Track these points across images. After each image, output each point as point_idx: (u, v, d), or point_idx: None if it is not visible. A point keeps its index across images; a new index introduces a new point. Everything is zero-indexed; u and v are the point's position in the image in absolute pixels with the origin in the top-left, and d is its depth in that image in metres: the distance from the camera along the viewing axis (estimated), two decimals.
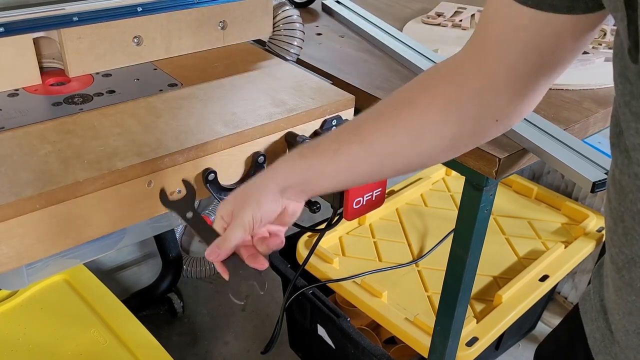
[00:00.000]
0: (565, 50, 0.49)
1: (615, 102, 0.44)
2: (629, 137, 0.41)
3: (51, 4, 0.77)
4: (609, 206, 0.47)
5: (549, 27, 0.46)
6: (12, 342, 1.04)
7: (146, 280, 1.70)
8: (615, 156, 0.45)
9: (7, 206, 0.55)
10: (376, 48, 1.06)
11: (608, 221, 0.47)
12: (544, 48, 0.48)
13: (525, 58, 0.49)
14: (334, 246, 1.36)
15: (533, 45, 0.48)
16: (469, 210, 0.79)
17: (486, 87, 0.51)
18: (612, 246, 0.47)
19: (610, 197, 0.46)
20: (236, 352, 1.56)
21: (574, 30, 0.47)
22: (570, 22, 0.46)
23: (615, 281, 0.48)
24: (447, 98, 0.53)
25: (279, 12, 0.97)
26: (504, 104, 0.52)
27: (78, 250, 0.66)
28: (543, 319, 1.65)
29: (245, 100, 0.78)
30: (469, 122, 0.53)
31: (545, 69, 0.50)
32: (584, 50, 0.62)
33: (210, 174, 0.69)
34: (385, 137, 0.54)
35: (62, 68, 0.83)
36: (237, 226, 0.55)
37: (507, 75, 0.50)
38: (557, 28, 0.46)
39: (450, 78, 0.53)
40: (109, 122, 0.71)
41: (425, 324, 1.11)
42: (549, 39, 0.47)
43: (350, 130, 0.56)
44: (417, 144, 0.54)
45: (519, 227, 1.45)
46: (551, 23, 0.46)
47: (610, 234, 0.47)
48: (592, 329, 0.56)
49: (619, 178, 0.44)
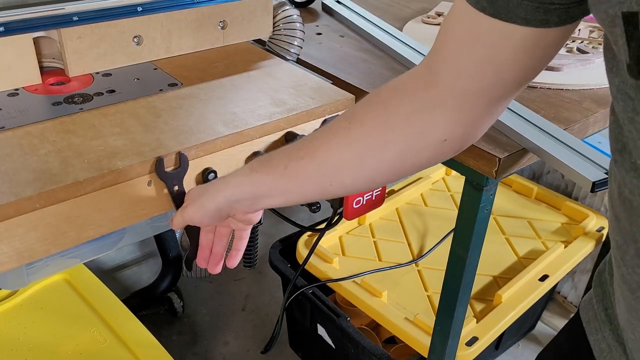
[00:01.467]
0: (526, 67, 0.46)
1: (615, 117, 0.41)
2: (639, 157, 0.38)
3: (51, 3, 0.77)
4: (617, 224, 0.44)
5: (510, 40, 0.43)
6: (12, 341, 1.04)
7: (146, 280, 1.70)
8: (621, 174, 0.41)
9: (7, 206, 0.55)
10: (376, 48, 1.06)
11: (617, 240, 0.45)
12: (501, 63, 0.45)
13: (480, 74, 0.46)
14: (334, 246, 1.36)
15: (490, 59, 0.45)
16: (469, 210, 0.79)
17: (433, 104, 0.49)
18: (622, 265, 0.44)
19: (618, 215, 0.43)
20: (236, 352, 1.56)
21: (538, 46, 0.44)
22: (536, 36, 0.43)
23: (629, 301, 0.45)
24: (394, 114, 0.51)
25: (279, 11, 0.97)
26: (453, 123, 0.50)
27: (78, 250, 0.66)
28: (543, 318, 1.65)
29: (245, 100, 0.78)
30: (414, 139, 0.51)
31: (501, 88, 0.47)
32: (583, 51, 0.61)
33: (210, 174, 0.69)
34: (332, 153, 0.53)
35: (62, 68, 0.83)
36: (179, 215, 0.61)
37: (458, 92, 0.48)
38: (519, 42, 0.43)
39: (400, 93, 0.51)
40: (109, 122, 0.71)
41: (425, 323, 1.11)
42: (509, 53, 0.44)
43: (302, 145, 0.55)
44: (362, 160, 0.52)
45: (519, 227, 1.45)
46: (514, 36, 0.43)
47: (620, 252, 0.44)
48: (596, 339, 0.55)
49: (629, 198, 0.41)
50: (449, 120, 0.50)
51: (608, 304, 0.54)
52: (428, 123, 0.50)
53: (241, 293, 1.74)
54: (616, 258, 0.46)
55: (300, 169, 0.54)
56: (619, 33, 0.35)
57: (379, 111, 0.52)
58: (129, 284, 1.73)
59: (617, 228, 0.44)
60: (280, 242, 1.43)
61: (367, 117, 0.52)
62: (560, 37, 0.44)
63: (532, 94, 0.88)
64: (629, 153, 0.40)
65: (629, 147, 0.39)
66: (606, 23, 0.36)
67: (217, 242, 0.66)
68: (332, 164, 0.53)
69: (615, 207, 0.44)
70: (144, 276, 1.75)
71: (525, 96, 0.87)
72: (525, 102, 0.85)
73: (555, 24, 0.42)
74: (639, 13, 0.32)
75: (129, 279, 1.74)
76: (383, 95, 0.53)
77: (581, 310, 0.60)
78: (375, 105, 0.53)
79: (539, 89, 0.90)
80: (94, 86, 0.80)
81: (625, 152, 0.40)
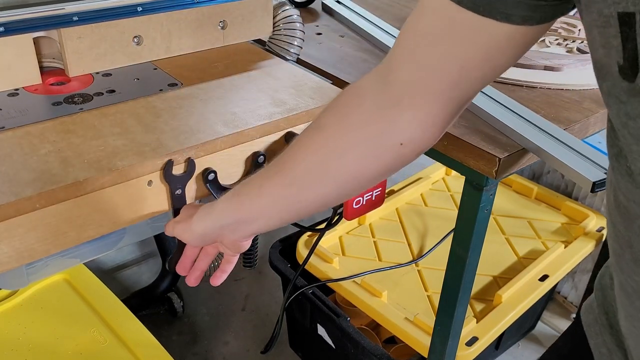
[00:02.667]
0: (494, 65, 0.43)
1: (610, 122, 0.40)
2: (634, 162, 0.37)
3: (51, 3, 0.77)
4: (613, 230, 0.43)
5: (485, 36, 0.41)
6: (12, 341, 1.04)
7: (146, 280, 1.70)
8: (617, 179, 0.41)
9: (7, 206, 0.55)
10: (376, 48, 1.06)
11: (614, 246, 0.44)
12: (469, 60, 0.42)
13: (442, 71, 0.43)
14: (334, 246, 1.36)
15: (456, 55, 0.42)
16: (469, 210, 0.79)
17: (389, 103, 0.47)
18: (619, 272, 0.44)
19: (614, 221, 0.43)
20: (236, 352, 1.56)
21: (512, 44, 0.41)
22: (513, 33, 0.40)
23: (627, 308, 0.45)
24: (351, 117, 0.50)
25: (279, 11, 0.97)
26: (409, 125, 0.47)
27: (78, 250, 0.66)
28: (543, 318, 1.65)
29: (245, 100, 0.78)
30: (372, 143, 0.49)
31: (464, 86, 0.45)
32: (583, 51, 0.60)
33: (210, 174, 0.69)
34: (298, 163, 0.52)
35: (62, 68, 0.83)
36: (169, 225, 0.64)
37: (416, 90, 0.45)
38: (494, 38, 0.41)
39: (358, 94, 0.50)
40: (109, 122, 0.71)
41: (425, 323, 1.11)
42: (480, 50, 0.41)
43: (274, 162, 0.54)
44: (325, 167, 0.51)
45: (519, 227, 1.45)
46: (490, 31, 0.40)
47: (617, 258, 0.44)
48: (597, 343, 0.55)
49: (624, 203, 0.40)
50: (406, 121, 0.47)
51: (609, 308, 0.54)
52: (384, 125, 0.48)
53: (241, 293, 1.74)
54: (614, 265, 0.45)
55: (272, 186, 0.54)
56: (612, 34, 0.34)
57: (337, 116, 0.51)
58: (129, 284, 1.73)
59: (614, 234, 0.43)
60: (280, 242, 1.43)
61: (326, 123, 0.52)
62: (535, 36, 0.42)
63: (532, 94, 0.88)
64: (624, 157, 0.39)
65: (624, 152, 0.39)
66: (598, 24, 0.35)
67: (202, 258, 0.66)
68: (299, 175, 0.52)
69: (612, 213, 0.43)
70: (144, 276, 1.75)
71: (525, 96, 0.87)
72: (525, 102, 0.85)
73: (537, 22, 0.41)
74: (635, 13, 0.32)
75: (129, 279, 1.74)
76: (342, 99, 0.52)
77: (582, 314, 0.60)
78: (334, 109, 0.52)
79: (539, 89, 0.90)
80: (94, 86, 0.80)
81: (621, 157, 0.39)
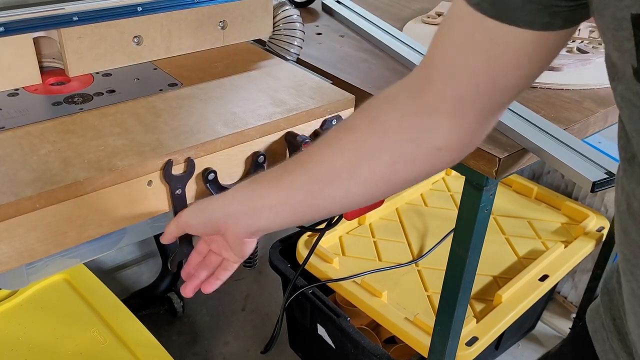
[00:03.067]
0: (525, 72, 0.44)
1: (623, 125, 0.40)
2: None
3: (51, 3, 0.77)
4: (625, 238, 0.43)
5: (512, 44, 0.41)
6: (12, 341, 1.04)
7: (146, 280, 1.70)
8: (630, 186, 0.40)
9: (7, 206, 0.55)
10: (376, 48, 1.06)
11: (625, 253, 0.44)
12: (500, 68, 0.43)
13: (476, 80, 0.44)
14: (334, 246, 1.36)
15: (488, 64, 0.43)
16: (469, 210, 0.79)
17: (426, 111, 0.48)
18: (632, 280, 0.43)
19: (626, 228, 0.42)
20: (236, 352, 1.56)
21: (539, 50, 0.42)
22: (538, 39, 0.41)
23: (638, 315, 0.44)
24: (386, 121, 0.50)
25: (279, 11, 0.97)
26: (446, 131, 0.48)
27: (78, 250, 0.66)
28: (543, 318, 1.65)
29: (245, 100, 0.78)
30: (406, 147, 0.49)
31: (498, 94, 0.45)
32: (583, 51, 0.60)
33: (210, 174, 0.69)
34: (323, 162, 0.52)
35: (62, 68, 0.83)
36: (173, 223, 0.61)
37: (452, 99, 0.46)
38: (521, 46, 0.41)
39: (392, 100, 0.50)
40: (109, 122, 0.71)
41: (425, 323, 1.11)
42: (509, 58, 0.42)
43: (297, 157, 0.55)
44: (353, 169, 0.51)
45: (519, 227, 1.45)
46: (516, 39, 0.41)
47: (630, 266, 0.43)
48: (604, 349, 0.54)
49: (639, 211, 0.40)
50: (443, 127, 0.48)
51: (616, 313, 0.53)
52: (420, 130, 0.49)
53: (241, 293, 1.74)
54: (625, 271, 0.45)
55: (293, 180, 0.53)
56: (626, 36, 0.34)
57: (370, 118, 0.51)
58: (129, 284, 1.73)
59: (626, 241, 0.43)
60: (280, 242, 1.43)
61: (358, 125, 0.52)
62: (561, 40, 0.43)
63: (532, 94, 0.88)
64: (638, 164, 0.38)
65: (638, 158, 0.38)
66: (611, 27, 0.35)
67: (203, 267, 0.65)
68: (323, 174, 0.52)
69: (623, 219, 0.43)
70: (144, 276, 1.75)
71: (525, 96, 0.87)
72: (525, 102, 0.85)
73: (559, 27, 0.41)
74: None
75: (129, 279, 1.74)
76: (375, 104, 0.52)
77: (587, 319, 0.59)
78: (366, 112, 0.52)
79: (539, 89, 0.90)
80: (94, 86, 0.80)
81: (635, 162, 0.39)
